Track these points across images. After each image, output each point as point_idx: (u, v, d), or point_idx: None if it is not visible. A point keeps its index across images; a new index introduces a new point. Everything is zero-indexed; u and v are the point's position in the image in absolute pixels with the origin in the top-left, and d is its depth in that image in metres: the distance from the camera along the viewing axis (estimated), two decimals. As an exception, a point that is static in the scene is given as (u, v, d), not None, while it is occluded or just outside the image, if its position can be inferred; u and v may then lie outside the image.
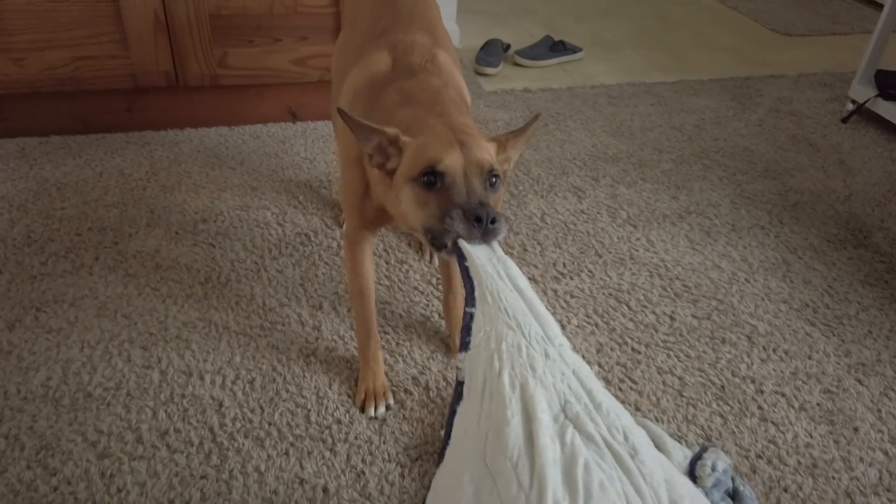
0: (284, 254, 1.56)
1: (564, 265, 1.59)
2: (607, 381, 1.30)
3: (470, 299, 0.75)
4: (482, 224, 0.85)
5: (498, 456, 0.62)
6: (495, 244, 0.87)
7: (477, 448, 0.64)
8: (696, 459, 0.99)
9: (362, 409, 1.22)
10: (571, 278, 1.55)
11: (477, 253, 0.83)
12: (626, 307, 1.49)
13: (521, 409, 0.64)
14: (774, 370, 1.36)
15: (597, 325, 1.43)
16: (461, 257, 0.84)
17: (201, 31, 1.84)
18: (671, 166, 2.02)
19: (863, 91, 2.29)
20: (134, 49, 1.83)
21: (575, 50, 2.68)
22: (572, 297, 1.50)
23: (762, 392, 1.30)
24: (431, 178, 0.91)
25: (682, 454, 1.01)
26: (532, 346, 0.67)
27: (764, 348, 1.41)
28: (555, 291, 1.51)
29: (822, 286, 1.59)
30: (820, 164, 2.08)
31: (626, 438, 0.64)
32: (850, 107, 2.33)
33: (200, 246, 1.56)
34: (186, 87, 1.93)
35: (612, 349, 1.38)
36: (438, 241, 0.90)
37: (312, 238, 1.62)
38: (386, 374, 1.27)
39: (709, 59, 2.79)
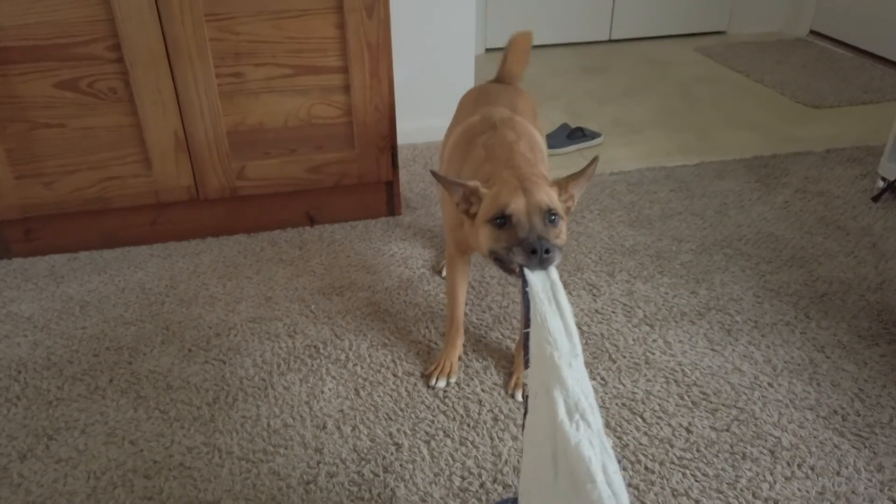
0: (293, 368, 1.57)
1: (576, 372, 1.55)
2: (617, 507, 1.23)
3: (526, 319, 0.97)
4: (537, 254, 1.06)
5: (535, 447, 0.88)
6: (551, 269, 1.07)
7: (540, 454, 0.86)
8: None
9: (427, 378, 1.52)
10: (583, 387, 1.51)
11: (535, 278, 1.04)
12: (640, 419, 1.43)
13: (547, 406, 0.86)
14: (800, 489, 1.27)
15: (608, 441, 1.37)
16: (524, 282, 1.04)
17: (219, 147, 1.92)
18: (691, 257, 1.97)
19: (893, 168, 2.21)
20: (157, 168, 1.92)
21: (594, 136, 2.68)
22: (583, 408, 1.45)
23: (786, 516, 1.22)
24: (501, 220, 1.15)
25: None
26: (562, 358, 0.90)
27: (788, 464, 1.32)
28: (565, 403, 1.47)
29: (852, 390, 1.50)
30: (850, 249, 2.00)
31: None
32: (881, 184, 2.25)
33: (211, 363, 1.59)
34: (207, 200, 2.00)
35: (624, 468, 1.31)
36: (507, 266, 1.14)
37: (321, 349, 1.62)
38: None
39: (733, 138, 2.75)
